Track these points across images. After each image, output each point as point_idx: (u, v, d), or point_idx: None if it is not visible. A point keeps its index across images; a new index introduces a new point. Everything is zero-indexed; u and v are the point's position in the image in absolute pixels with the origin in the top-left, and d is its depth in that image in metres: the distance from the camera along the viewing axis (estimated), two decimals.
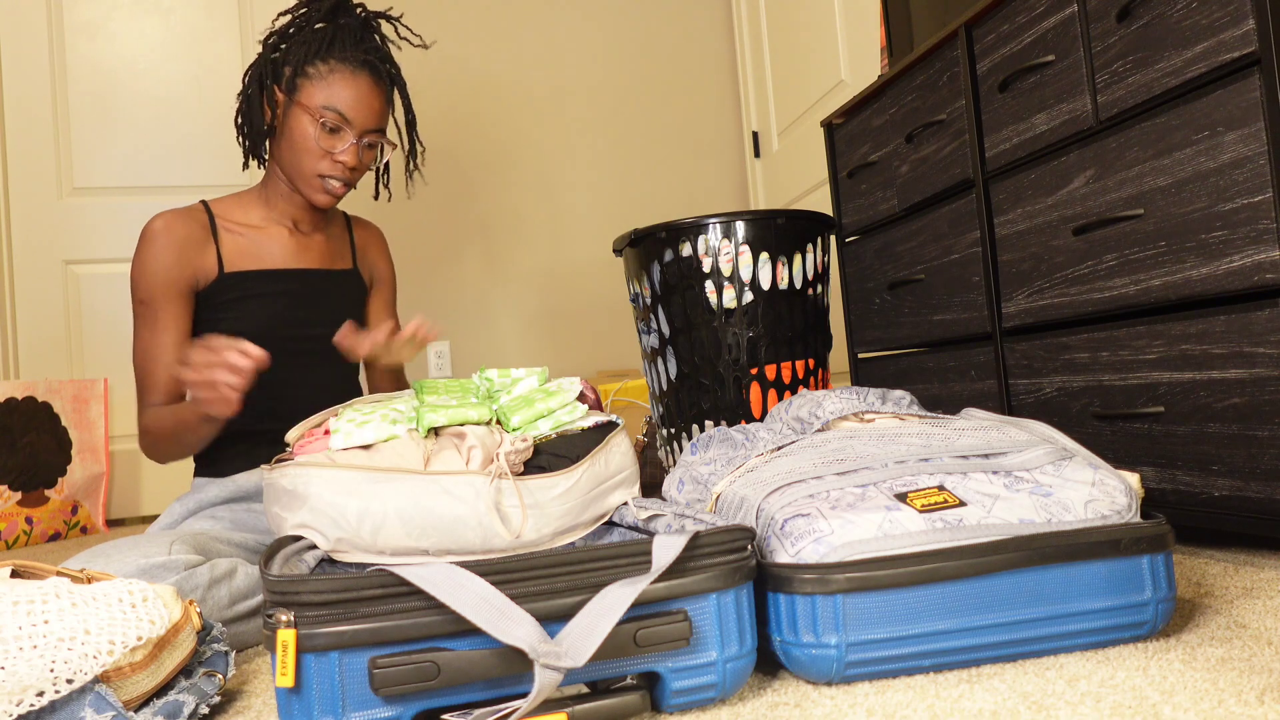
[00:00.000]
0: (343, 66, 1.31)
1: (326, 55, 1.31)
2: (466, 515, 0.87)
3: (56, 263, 2.82)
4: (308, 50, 1.32)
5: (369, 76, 1.33)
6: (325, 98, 1.30)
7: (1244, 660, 0.73)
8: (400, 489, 0.86)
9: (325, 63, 1.31)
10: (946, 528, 0.78)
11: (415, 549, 0.87)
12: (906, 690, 0.73)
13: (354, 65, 1.32)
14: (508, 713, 0.65)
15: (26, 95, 2.81)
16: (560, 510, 0.93)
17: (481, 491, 0.87)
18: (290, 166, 1.34)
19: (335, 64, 1.31)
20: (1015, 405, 1.41)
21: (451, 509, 0.87)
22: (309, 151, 1.31)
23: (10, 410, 2.45)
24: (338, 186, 1.34)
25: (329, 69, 1.31)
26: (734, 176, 3.36)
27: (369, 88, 1.32)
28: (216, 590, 1.03)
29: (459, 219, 3.15)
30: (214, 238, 1.35)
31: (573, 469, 0.94)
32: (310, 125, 1.31)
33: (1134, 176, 1.16)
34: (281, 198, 1.40)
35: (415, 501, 0.86)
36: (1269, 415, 1.01)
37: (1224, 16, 1.02)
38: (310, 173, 1.33)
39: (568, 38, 3.26)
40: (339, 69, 1.31)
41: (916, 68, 1.60)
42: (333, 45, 1.32)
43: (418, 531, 0.86)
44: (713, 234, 1.58)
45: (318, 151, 1.32)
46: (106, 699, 0.70)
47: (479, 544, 0.88)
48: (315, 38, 1.33)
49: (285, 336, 1.37)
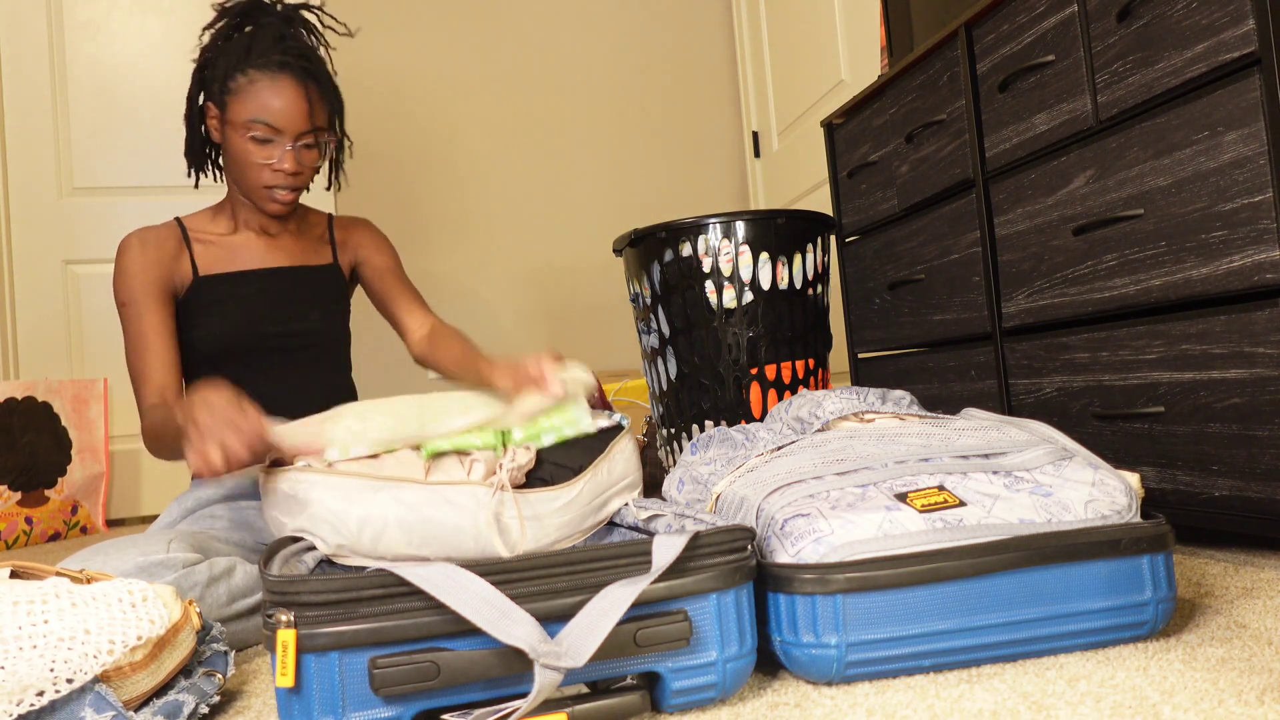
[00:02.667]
0: (261, 75, 1.28)
1: (245, 66, 1.28)
2: (467, 526, 0.87)
3: (56, 263, 2.82)
4: (228, 64, 1.29)
5: (290, 78, 1.29)
6: (251, 110, 1.28)
7: (1244, 660, 0.73)
8: (401, 497, 0.86)
9: (245, 74, 1.28)
10: (946, 528, 0.78)
11: (415, 557, 0.87)
12: (906, 690, 0.73)
13: (272, 71, 1.28)
14: (508, 713, 0.65)
15: (26, 95, 2.81)
16: (560, 522, 0.93)
17: (483, 502, 0.87)
18: (238, 182, 1.35)
19: (254, 74, 1.28)
20: (1015, 405, 1.41)
21: (452, 519, 0.87)
22: (249, 166, 1.31)
23: (10, 410, 2.44)
24: (285, 194, 1.33)
25: (249, 80, 1.28)
26: (734, 176, 3.36)
27: (292, 90, 1.29)
28: (215, 588, 1.03)
29: (459, 218, 3.15)
30: (187, 247, 1.36)
31: (574, 482, 0.94)
32: (243, 140, 1.29)
33: (1134, 176, 1.16)
34: (243, 208, 1.40)
35: (416, 510, 0.86)
36: (1269, 415, 1.01)
37: (1224, 16, 1.02)
38: (256, 185, 1.32)
39: (568, 37, 3.25)
40: (258, 78, 1.28)
41: (916, 68, 1.60)
42: (249, 54, 1.29)
43: (418, 541, 0.86)
44: (713, 234, 1.58)
45: (256, 165, 1.30)
46: (106, 699, 0.70)
47: (478, 555, 0.88)
48: (233, 49, 1.30)
49: (266, 334, 1.37)
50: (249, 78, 1.28)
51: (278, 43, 1.30)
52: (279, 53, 1.29)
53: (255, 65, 1.28)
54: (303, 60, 1.31)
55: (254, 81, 1.28)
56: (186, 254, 1.36)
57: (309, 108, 1.30)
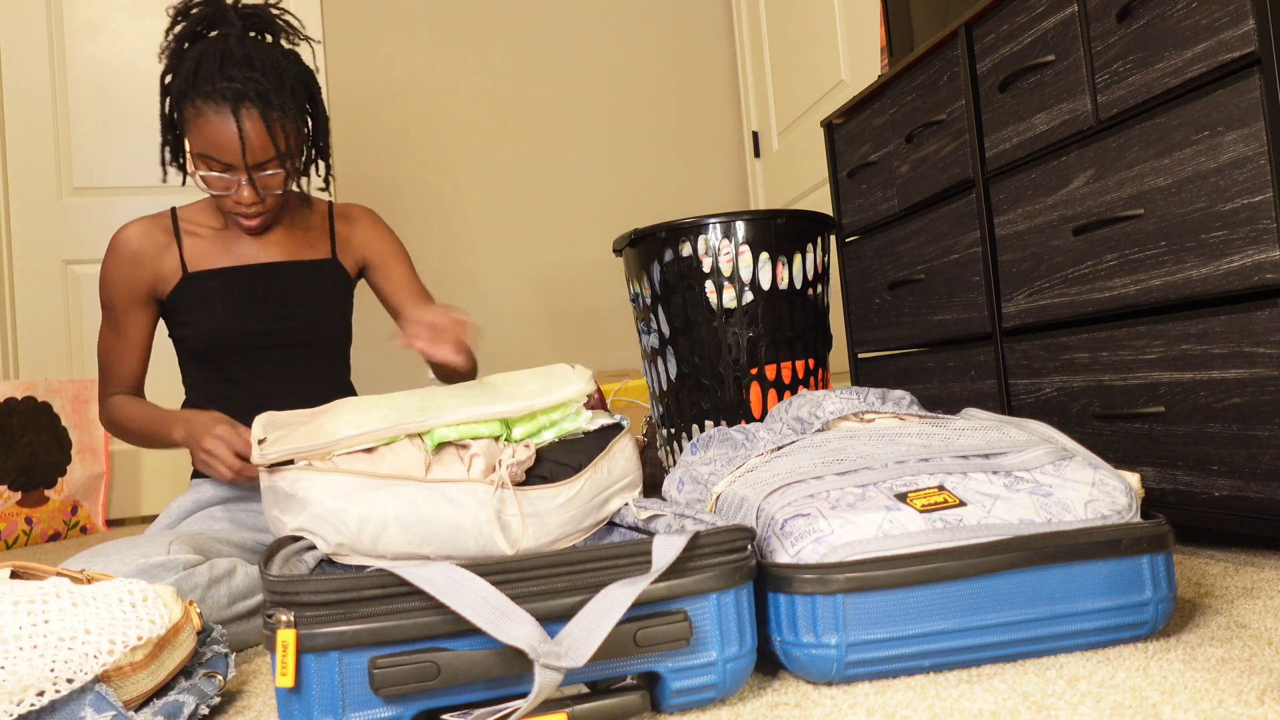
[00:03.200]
0: (208, 106, 1.20)
1: (192, 95, 1.21)
2: (467, 523, 0.87)
3: (56, 263, 2.82)
4: (179, 88, 1.23)
5: (240, 109, 1.20)
6: (201, 144, 1.22)
7: (1244, 660, 0.73)
8: (401, 495, 0.86)
9: (193, 105, 1.21)
10: (946, 528, 0.78)
11: (415, 555, 0.87)
12: (906, 690, 0.73)
13: (217, 102, 1.19)
14: (508, 713, 0.65)
15: (26, 95, 2.81)
16: (560, 520, 0.93)
17: (483, 500, 0.87)
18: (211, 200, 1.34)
19: (201, 105, 1.20)
20: (1015, 405, 1.41)
21: (452, 517, 0.87)
22: (211, 191, 1.27)
23: (10, 410, 2.45)
24: (250, 221, 1.29)
25: (196, 113, 1.21)
26: (734, 176, 3.36)
27: (244, 123, 1.20)
28: (216, 590, 1.03)
29: (459, 218, 3.15)
30: (177, 241, 1.34)
31: (574, 479, 0.94)
32: (200, 169, 1.25)
33: (1134, 176, 1.16)
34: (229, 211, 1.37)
35: (416, 509, 0.86)
36: (1269, 415, 1.01)
37: (1224, 16, 1.02)
38: (223, 210, 1.30)
39: (568, 37, 3.25)
40: (204, 110, 1.20)
41: (916, 68, 1.60)
42: (197, 79, 1.21)
43: (418, 539, 0.86)
44: (713, 234, 1.58)
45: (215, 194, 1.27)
46: (107, 699, 0.70)
47: (478, 553, 0.88)
48: (184, 69, 1.23)
49: (254, 331, 1.34)
50: (197, 109, 1.21)
51: (224, 68, 1.21)
52: (225, 79, 1.20)
53: (202, 94, 1.20)
54: (254, 84, 1.21)
55: (201, 114, 1.21)
56: (175, 249, 1.34)
57: (264, 136, 1.22)
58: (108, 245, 1.35)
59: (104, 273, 1.35)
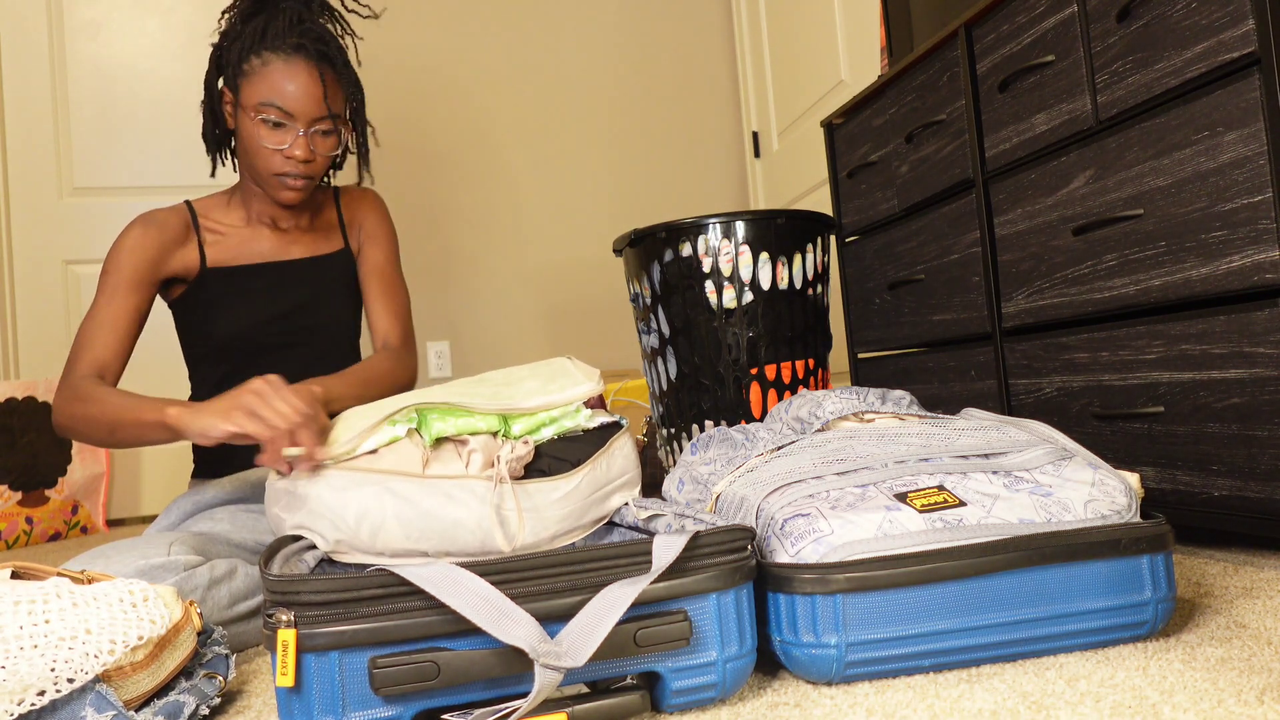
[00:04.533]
0: (275, 57, 1.24)
1: (259, 48, 1.24)
2: (465, 519, 0.87)
3: (56, 263, 2.82)
4: (243, 46, 1.25)
5: (304, 61, 1.25)
6: (262, 93, 1.24)
7: (1244, 660, 0.73)
8: (399, 491, 0.86)
9: (259, 56, 1.24)
10: (946, 528, 0.78)
11: (414, 551, 0.87)
12: (906, 690, 0.73)
13: (286, 53, 1.24)
14: (508, 713, 0.65)
15: (26, 95, 2.81)
16: (559, 515, 0.93)
17: (481, 496, 0.87)
18: (249, 170, 1.31)
19: (268, 55, 1.24)
20: (1015, 405, 1.41)
21: (451, 513, 0.87)
22: (259, 152, 1.27)
23: (10, 410, 2.45)
24: (297, 182, 1.29)
25: (262, 63, 1.24)
26: (734, 176, 3.36)
27: (306, 74, 1.24)
28: (216, 591, 1.03)
29: (458, 218, 3.15)
30: (196, 235, 1.33)
31: (573, 474, 0.94)
32: (254, 125, 1.25)
33: (1134, 176, 1.16)
34: (255, 198, 1.36)
35: (414, 505, 0.86)
36: (1269, 415, 1.01)
37: (1224, 16, 1.02)
38: (266, 173, 1.28)
39: (568, 37, 3.26)
40: (272, 60, 1.24)
41: (916, 68, 1.60)
42: (265, 36, 1.25)
43: (416, 534, 0.86)
44: (713, 234, 1.58)
45: (267, 150, 1.26)
46: (107, 698, 0.70)
47: (477, 548, 0.88)
48: (250, 32, 1.26)
49: (274, 331, 1.35)
50: (262, 59, 1.24)
51: (294, 26, 1.27)
52: (295, 35, 1.25)
53: (269, 47, 1.24)
54: (319, 44, 1.27)
55: (267, 64, 1.24)
56: (195, 242, 1.33)
57: (323, 92, 1.26)
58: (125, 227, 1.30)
59: (124, 241, 1.29)
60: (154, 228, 1.30)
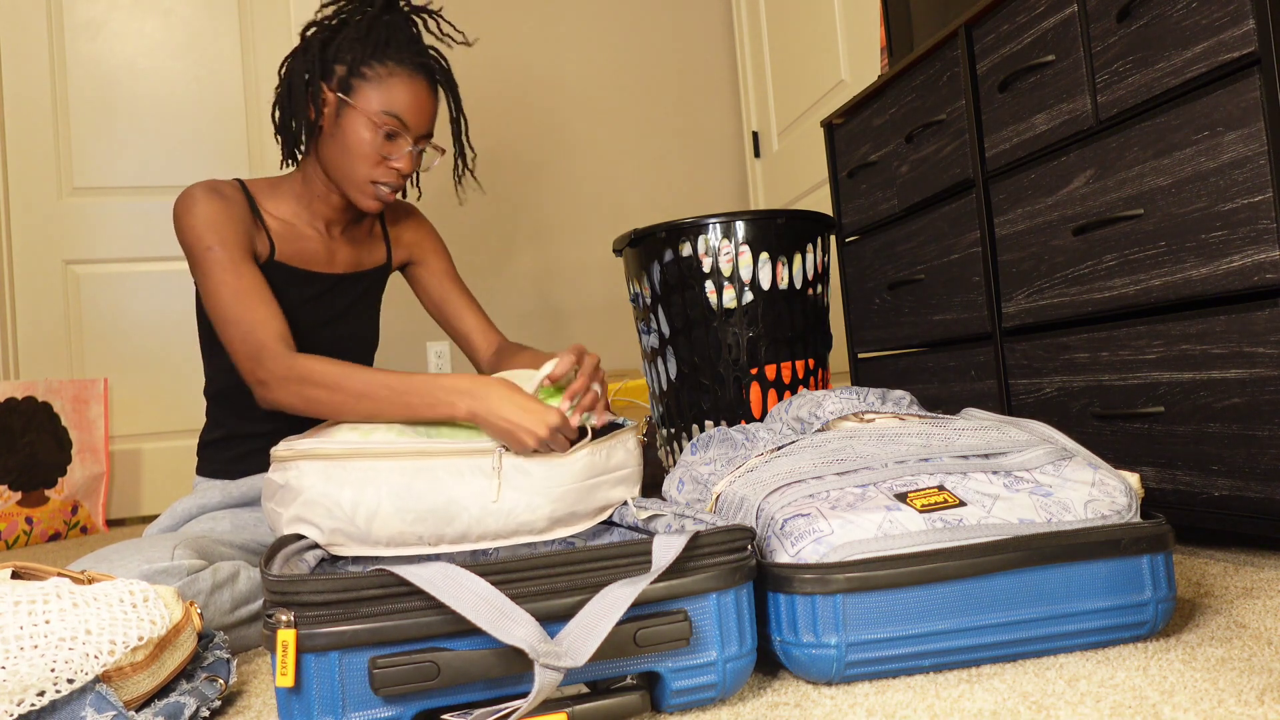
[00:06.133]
0: (401, 69, 1.24)
1: (384, 56, 1.24)
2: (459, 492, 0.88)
3: (56, 263, 2.82)
4: (363, 49, 1.23)
5: (425, 80, 1.26)
6: (385, 102, 1.23)
7: (1244, 660, 0.73)
8: (394, 466, 0.86)
9: (384, 64, 1.23)
10: (946, 528, 0.78)
11: (410, 533, 0.87)
12: (906, 690, 0.73)
13: (412, 68, 1.25)
14: (508, 713, 0.65)
15: (26, 95, 2.81)
16: (555, 487, 0.93)
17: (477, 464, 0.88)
18: (339, 170, 1.27)
19: (394, 66, 1.24)
20: (1015, 405, 1.41)
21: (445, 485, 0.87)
22: (364, 157, 1.25)
23: (10, 410, 2.45)
24: (388, 193, 1.28)
25: (388, 71, 1.23)
26: (734, 176, 3.36)
27: (426, 92, 1.26)
28: (219, 595, 1.03)
29: (458, 219, 3.15)
30: (260, 220, 1.29)
31: (572, 451, 0.95)
32: (368, 130, 1.24)
33: (1134, 176, 1.16)
34: (319, 199, 1.33)
35: (408, 482, 0.86)
36: (1269, 415, 1.01)
37: (1224, 16, 1.02)
38: (363, 179, 1.26)
39: (567, 38, 3.26)
40: (398, 72, 1.24)
41: (916, 68, 1.60)
42: (389, 45, 1.24)
43: (412, 515, 0.87)
44: (713, 234, 1.58)
45: (374, 157, 1.25)
46: (107, 699, 0.70)
47: (474, 520, 0.89)
48: (370, 36, 1.25)
49: (311, 341, 1.33)
50: (389, 69, 1.23)
51: (415, 42, 1.27)
52: (418, 53, 1.26)
53: (395, 59, 1.24)
54: (441, 66, 1.30)
55: (394, 74, 1.23)
56: (262, 228, 1.28)
57: (435, 113, 1.29)
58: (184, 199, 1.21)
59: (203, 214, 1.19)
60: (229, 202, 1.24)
